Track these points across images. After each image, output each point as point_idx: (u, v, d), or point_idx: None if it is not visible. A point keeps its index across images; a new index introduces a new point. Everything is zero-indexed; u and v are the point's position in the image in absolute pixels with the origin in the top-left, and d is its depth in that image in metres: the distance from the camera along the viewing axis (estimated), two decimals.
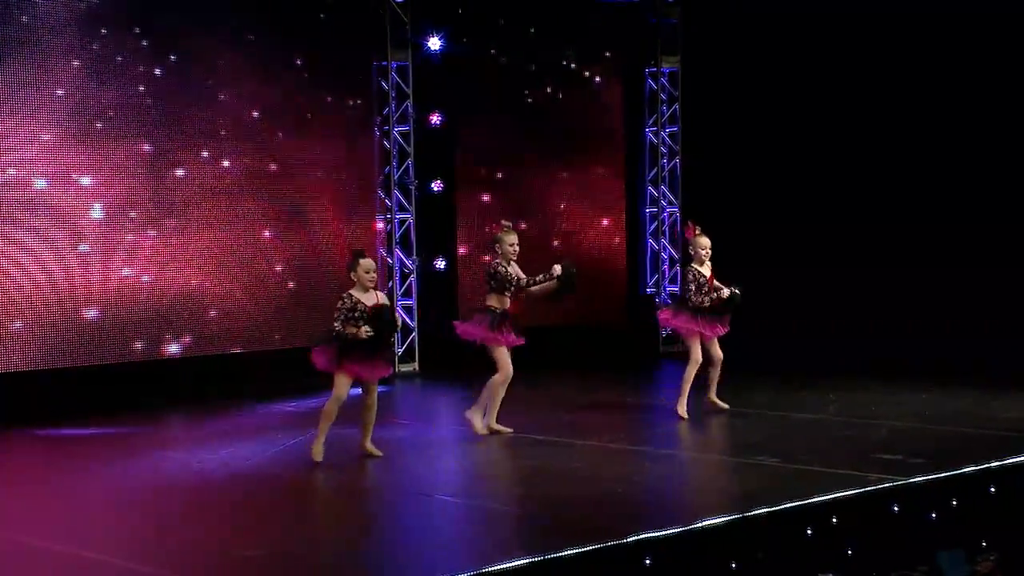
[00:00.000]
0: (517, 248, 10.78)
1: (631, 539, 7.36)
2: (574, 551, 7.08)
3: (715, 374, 11.92)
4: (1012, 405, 12.04)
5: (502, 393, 10.76)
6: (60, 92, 12.89)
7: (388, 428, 10.91)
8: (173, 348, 13.65)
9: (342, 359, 9.63)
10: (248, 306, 14.17)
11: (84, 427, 12.10)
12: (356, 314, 9.59)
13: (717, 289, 11.67)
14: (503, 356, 10.65)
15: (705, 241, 11.75)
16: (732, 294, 11.73)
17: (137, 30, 13.39)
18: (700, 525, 7.70)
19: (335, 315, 9.65)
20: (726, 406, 11.95)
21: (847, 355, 15.20)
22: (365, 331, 9.52)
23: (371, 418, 9.99)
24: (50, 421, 12.17)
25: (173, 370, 13.61)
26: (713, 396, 12.00)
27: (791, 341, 15.94)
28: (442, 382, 14.89)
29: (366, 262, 9.77)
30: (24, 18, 12.60)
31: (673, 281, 17.69)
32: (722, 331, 11.85)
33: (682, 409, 11.67)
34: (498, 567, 6.77)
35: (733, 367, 15.25)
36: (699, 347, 11.70)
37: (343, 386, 9.72)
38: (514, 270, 10.73)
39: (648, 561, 7.30)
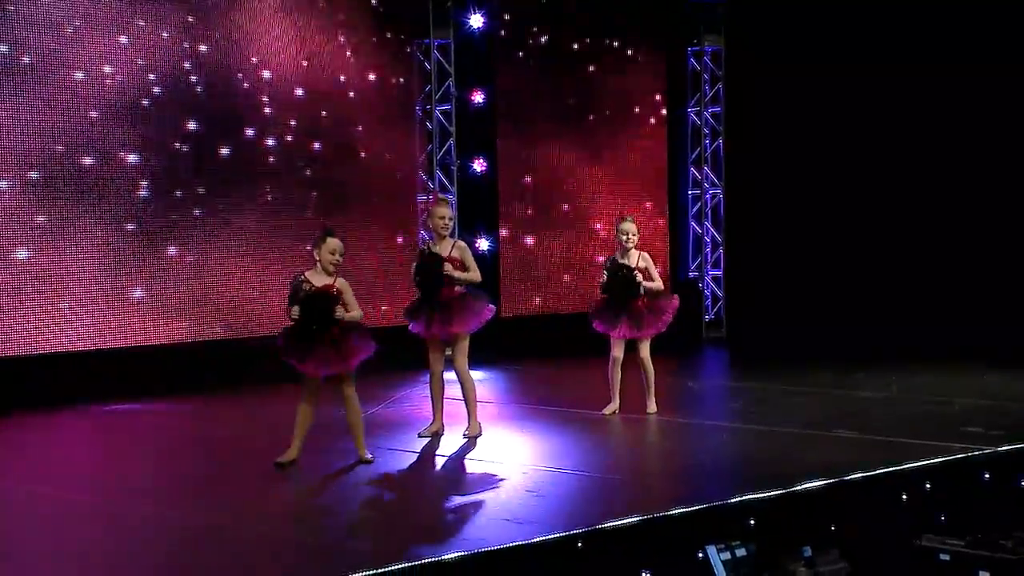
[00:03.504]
0: (448, 223, 9.71)
1: (734, 500, 7.18)
2: (681, 510, 6.90)
3: (647, 380, 10.75)
4: None
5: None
6: (107, 69, 12.68)
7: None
8: (217, 329, 13.44)
9: (284, 348, 8.58)
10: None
11: (136, 404, 12.06)
12: (301, 295, 8.53)
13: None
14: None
15: (628, 226, 10.59)
16: (612, 278, 10.51)
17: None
18: (800, 488, 7.53)
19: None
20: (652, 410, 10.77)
21: (896, 340, 15.01)
22: (294, 311, 8.47)
23: (352, 418, 8.82)
24: (101, 399, 12.11)
25: (216, 351, 13.36)
26: (650, 404, 10.78)
27: (839, 327, 15.73)
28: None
29: (333, 242, 8.64)
30: None
31: (716, 265, 17.50)
32: (636, 332, 10.57)
33: (609, 408, 10.72)
34: (609, 524, 6.63)
35: (785, 350, 15.29)
36: (620, 344, 10.64)
37: (305, 384, 8.71)
38: (440, 251, 9.62)
39: (752, 522, 7.12)
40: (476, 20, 15.39)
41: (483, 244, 15.07)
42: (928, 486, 8.10)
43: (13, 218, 12.16)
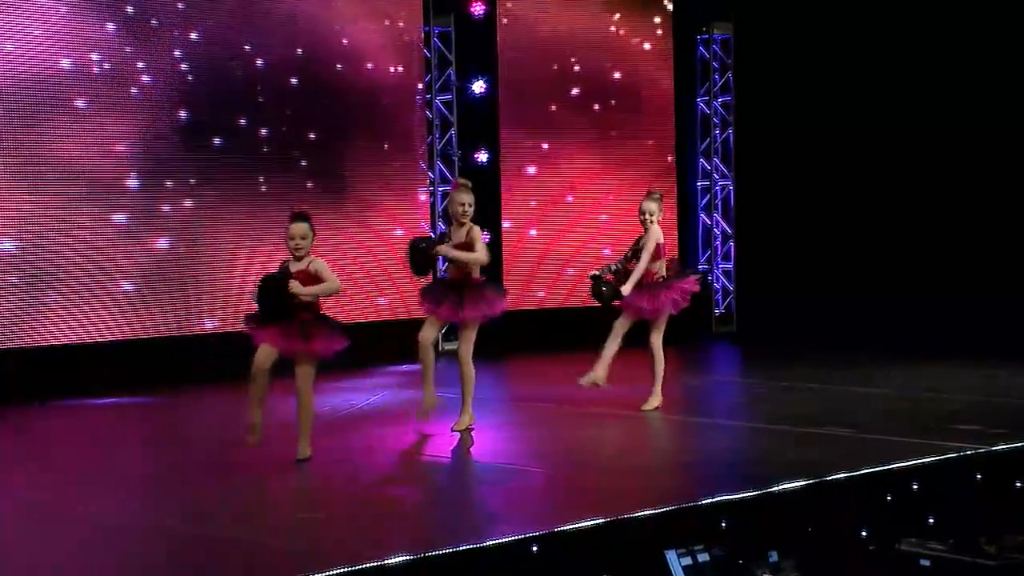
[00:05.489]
0: (467, 209, 9.42)
1: (705, 501, 6.87)
2: (647, 512, 6.60)
3: (654, 370, 10.33)
4: None
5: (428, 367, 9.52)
6: (95, 56, 12.47)
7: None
8: (208, 323, 13.20)
9: (248, 320, 8.47)
10: None
11: (124, 398, 11.90)
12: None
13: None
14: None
15: (646, 204, 10.18)
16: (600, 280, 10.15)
17: None
18: (776, 489, 7.21)
19: None
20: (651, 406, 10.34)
21: (911, 335, 14.64)
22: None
23: (302, 412, 8.42)
24: (87, 394, 11.95)
25: (208, 345, 13.11)
26: (650, 399, 10.31)
27: (852, 321, 15.37)
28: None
29: (292, 227, 8.39)
30: None
31: (726, 258, 17.16)
32: (645, 308, 10.15)
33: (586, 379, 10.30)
34: (572, 526, 6.34)
35: (796, 344, 14.96)
36: (624, 322, 10.21)
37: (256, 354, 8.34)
38: (457, 237, 9.43)
39: (724, 524, 6.80)
40: (478, 7, 15.10)
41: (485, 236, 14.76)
42: (915, 487, 7.77)
43: None
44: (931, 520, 7.68)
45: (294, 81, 13.82)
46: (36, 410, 11.38)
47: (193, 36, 13.09)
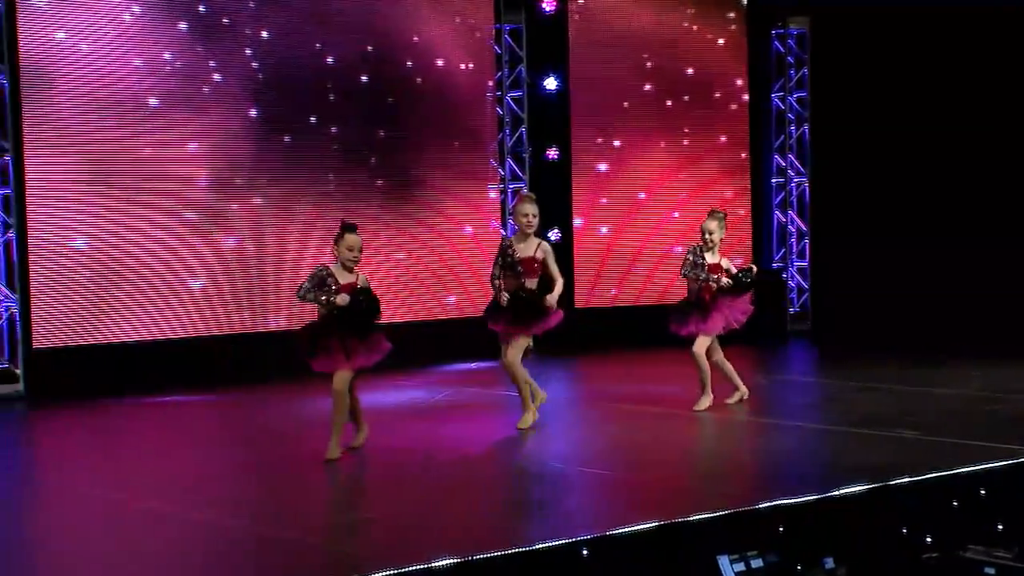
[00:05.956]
0: (532, 220, 9.39)
1: (763, 506, 6.74)
2: (703, 516, 6.49)
3: (699, 375, 10.32)
4: None
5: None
6: (167, 55, 12.56)
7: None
8: (274, 322, 13.25)
9: (315, 348, 8.43)
10: None
11: (191, 395, 11.99)
12: (326, 287, 8.35)
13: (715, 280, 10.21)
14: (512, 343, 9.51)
15: (706, 224, 10.31)
16: (739, 275, 10.28)
17: None
18: (837, 493, 7.05)
19: (300, 285, 8.47)
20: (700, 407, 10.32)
21: (983, 332, 14.31)
22: (342, 299, 8.26)
23: (336, 415, 8.50)
24: (158, 391, 12.07)
25: (275, 342, 13.15)
26: (700, 401, 10.32)
27: (930, 318, 15.07)
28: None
29: (351, 238, 8.39)
30: None
31: (801, 255, 16.94)
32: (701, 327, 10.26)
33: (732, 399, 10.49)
34: (623, 530, 6.23)
35: (873, 343, 14.71)
36: (704, 342, 10.22)
37: (336, 380, 8.44)
38: (522, 249, 9.43)
39: (781, 528, 6.67)
40: (549, 4, 15.02)
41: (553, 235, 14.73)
42: (982, 492, 7.56)
43: (71, 207, 12.11)
44: (999, 527, 7.49)
45: (364, 79, 13.83)
46: (104, 406, 11.49)
47: (264, 35, 13.15)
